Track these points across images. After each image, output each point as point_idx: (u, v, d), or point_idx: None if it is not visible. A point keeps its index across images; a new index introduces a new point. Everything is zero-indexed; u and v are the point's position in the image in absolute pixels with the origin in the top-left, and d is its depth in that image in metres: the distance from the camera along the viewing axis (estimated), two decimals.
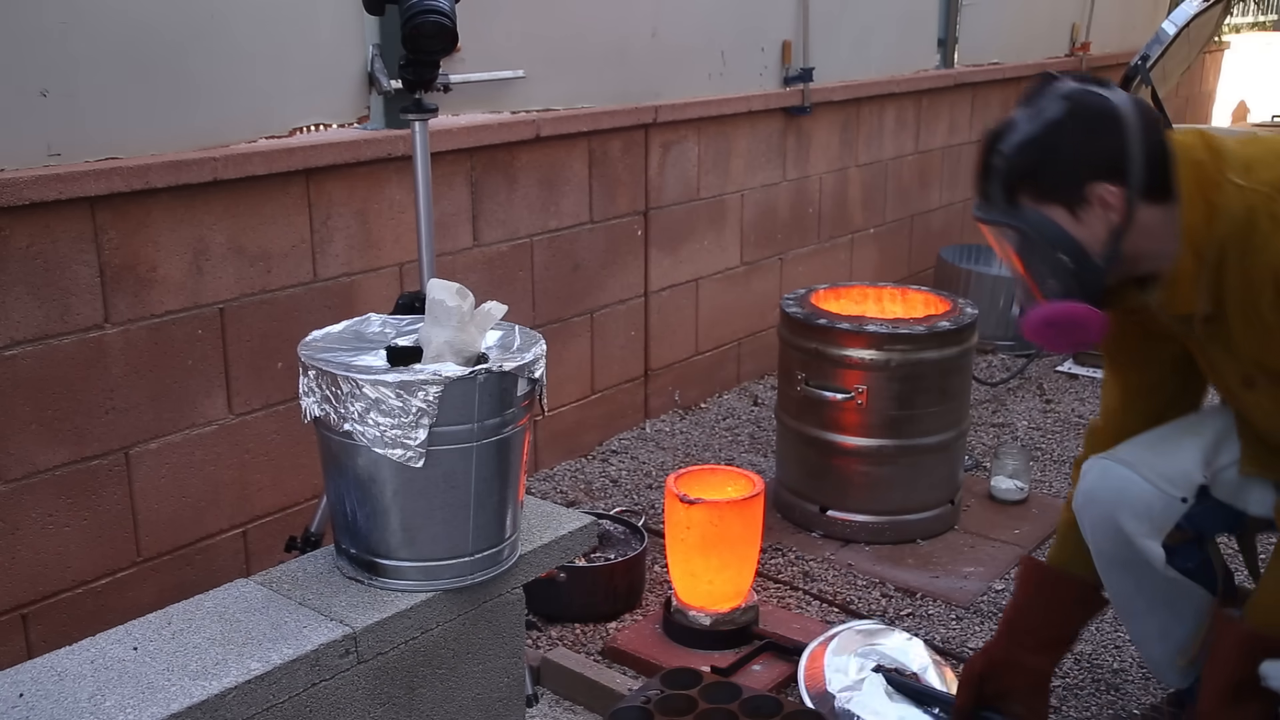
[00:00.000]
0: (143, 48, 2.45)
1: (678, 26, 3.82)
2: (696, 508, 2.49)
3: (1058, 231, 1.76)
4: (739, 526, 2.50)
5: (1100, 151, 1.73)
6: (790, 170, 4.41)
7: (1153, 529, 1.92)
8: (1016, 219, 1.79)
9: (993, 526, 3.20)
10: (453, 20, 2.10)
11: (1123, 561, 1.98)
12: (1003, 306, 4.75)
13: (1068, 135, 1.74)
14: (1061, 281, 1.79)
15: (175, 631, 1.61)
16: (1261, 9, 10.35)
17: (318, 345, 1.76)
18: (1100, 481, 1.97)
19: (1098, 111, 1.74)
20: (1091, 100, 1.75)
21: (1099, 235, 1.75)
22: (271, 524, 2.83)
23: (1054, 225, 1.76)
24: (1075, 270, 1.78)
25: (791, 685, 2.47)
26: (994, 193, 1.80)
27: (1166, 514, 1.91)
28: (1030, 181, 1.77)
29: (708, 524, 2.49)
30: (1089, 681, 2.48)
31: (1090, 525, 2.00)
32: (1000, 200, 1.80)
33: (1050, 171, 1.75)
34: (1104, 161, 1.73)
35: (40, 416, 2.36)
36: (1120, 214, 1.73)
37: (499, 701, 1.89)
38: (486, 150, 3.19)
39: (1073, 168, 1.74)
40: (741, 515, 2.51)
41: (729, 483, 2.64)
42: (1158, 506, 1.91)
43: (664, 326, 3.98)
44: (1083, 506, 2.01)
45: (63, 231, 2.34)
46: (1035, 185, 1.77)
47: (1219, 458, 1.94)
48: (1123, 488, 1.93)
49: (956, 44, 5.35)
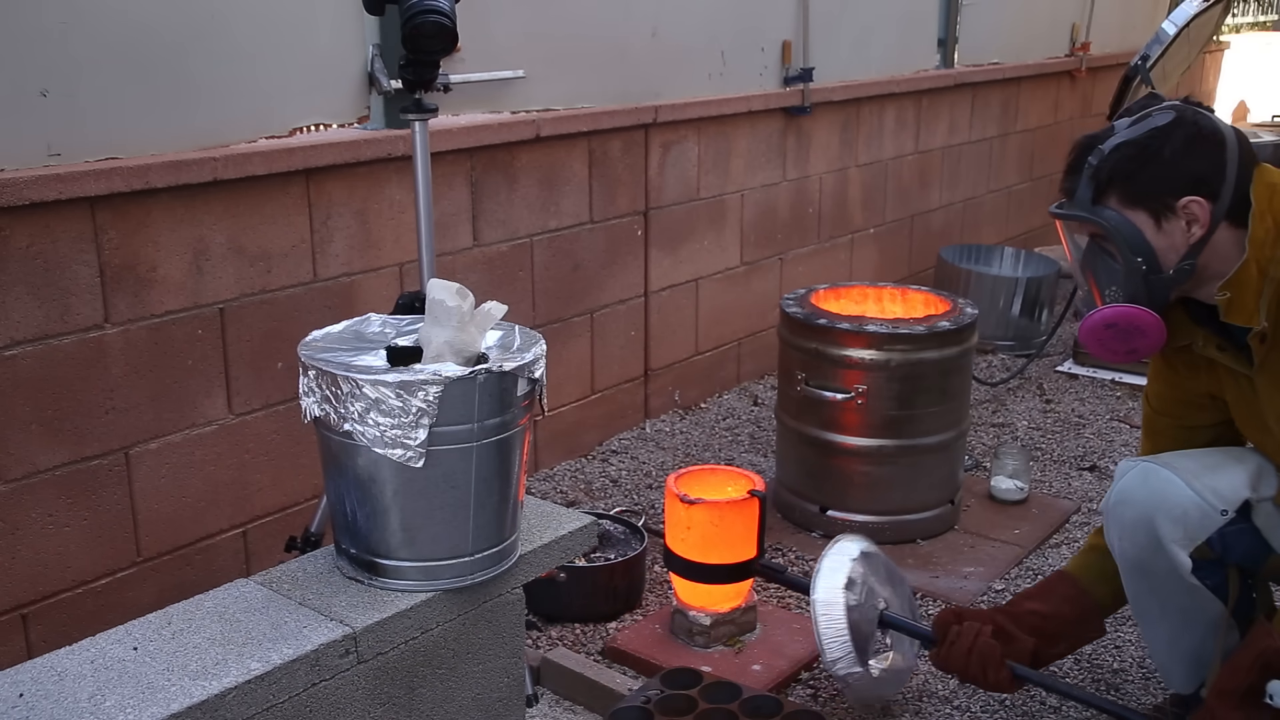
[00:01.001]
0: (143, 48, 2.45)
1: (678, 26, 3.82)
2: (696, 508, 2.49)
3: (1138, 236, 1.81)
4: (739, 526, 2.50)
5: (1199, 166, 1.79)
6: (790, 170, 4.42)
7: (1186, 537, 1.90)
8: (1099, 218, 1.82)
9: (993, 526, 3.20)
10: (453, 20, 2.10)
11: (1146, 566, 1.98)
12: (1002, 306, 4.75)
13: (1171, 144, 1.79)
14: (1129, 287, 1.83)
15: (175, 631, 1.61)
16: (1261, 9, 10.35)
17: (318, 345, 1.76)
18: (1140, 483, 1.95)
19: (1204, 128, 1.80)
20: (1199, 117, 1.82)
21: (1177, 247, 1.81)
22: (271, 524, 2.83)
23: (1135, 230, 1.81)
24: (1145, 276, 1.81)
25: (792, 685, 2.47)
26: (1081, 190, 1.84)
27: (1203, 524, 1.90)
28: (1123, 183, 1.81)
29: (708, 524, 2.49)
30: (1089, 682, 2.48)
31: (1120, 526, 1.99)
32: (1086, 199, 1.84)
33: (1146, 176, 1.80)
34: (1201, 176, 1.78)
35: (40, 416, 2.36)
36: (1204, 229, 1.78)
37: (499, 701, 1.89)
38: (486, 150, 3.19)
39: (1169, 176, 1.79)
40: (742, 515, 2.51)
41: (729, 482, 2.64)
42: (1195, 515, 1.90)
43: (664, 326, 3.98)
44: (1115, 506, 1.99)
45: (63, 231, 2.34)
46: (1127, 187, 1.81)
47: (1263, 487, 1.93)
48: (1164, 490, 1.91)
49: (956, 44, 5.35)
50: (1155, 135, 1.80)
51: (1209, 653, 2.01)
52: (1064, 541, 3.13)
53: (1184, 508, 1.90)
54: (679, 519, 2.52)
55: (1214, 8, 4.35)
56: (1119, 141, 1.82)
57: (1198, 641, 2.02)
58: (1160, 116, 1.81)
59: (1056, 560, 3.00)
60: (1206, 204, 1.77)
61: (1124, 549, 2.00)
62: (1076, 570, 2.19)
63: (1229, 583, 1.98)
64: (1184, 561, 1.91)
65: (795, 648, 2.54)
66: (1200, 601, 1.97)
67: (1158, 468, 1.95)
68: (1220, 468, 1.93)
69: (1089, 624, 2.16)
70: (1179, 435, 2.08)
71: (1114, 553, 2.04)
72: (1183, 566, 1.91)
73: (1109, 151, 1.82)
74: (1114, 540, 2.02)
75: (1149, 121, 1.82)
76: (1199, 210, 1.78)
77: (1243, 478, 1.92)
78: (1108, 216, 1.82)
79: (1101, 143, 1.84)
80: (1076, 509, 3.31)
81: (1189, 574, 1.92)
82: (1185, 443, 2.07)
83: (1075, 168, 1.87)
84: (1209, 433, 2.06)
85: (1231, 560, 1.97)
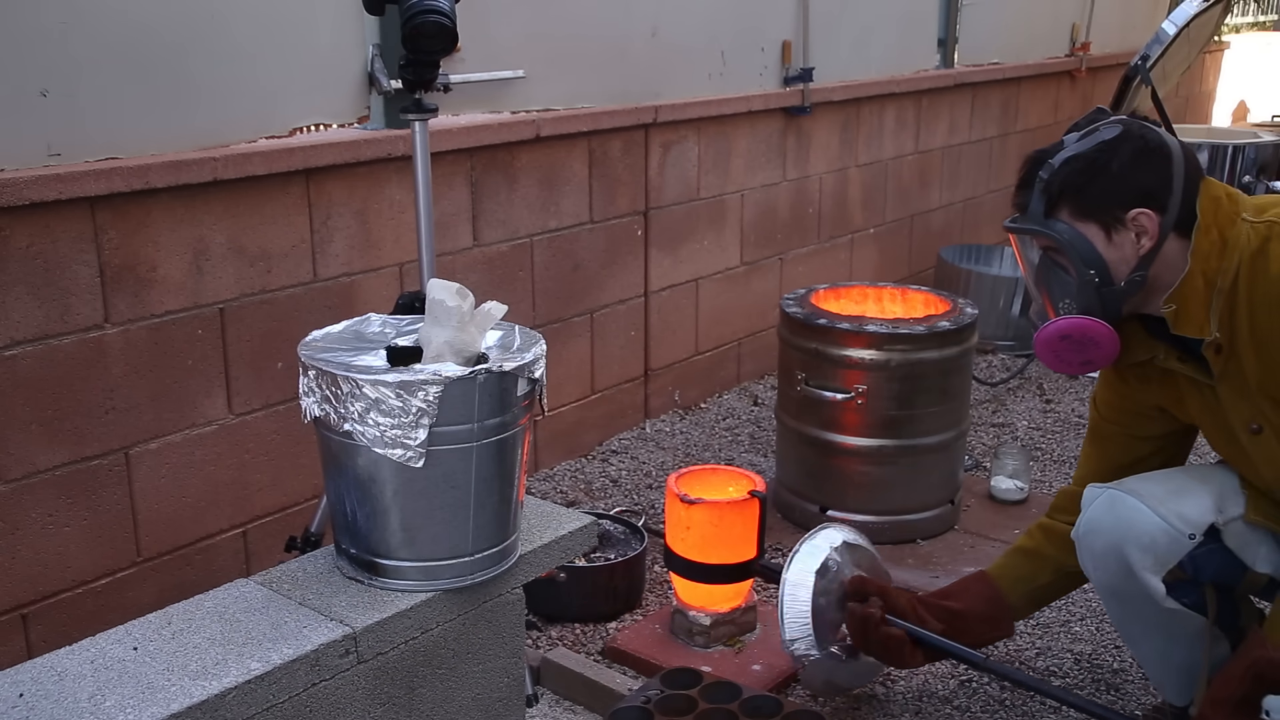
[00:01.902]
0: (143, 48, 2.45)
1: (678, 26, 3.82)
2: (697, 508, 2.49)
3: (1090, 249, 1.84)
4: (739, 527, 2.50)
5: (1147, 179, 1.82)
6: (790, 170, 4.42)
7: (1156, 563, 1.91)
8: (1051, 231, 1.85)
9: (993, 526, 3.19)
10: (453, 20, 2.10)
11: (1121, 592, 1.99)
12: (1003, 306, 4.75)
13: (1119, 157, 1.82)
14: (1083, 299, 1.86)
15: (175, 631, 1.61)
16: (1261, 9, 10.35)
17: (318, 345, 1.76)
18: (1107, 512, 1.96)
19: (1151, 142, 1.83)
20: (1145, 131, 1.85)
21: (1128, 259, 1.83)
22: (271, 524, 2.83)
23: (1087, 242, 1.84)
24: (1098, 288, 1.84)
25: (792, 685, 2.47)
26: (1033, 204, 1.88)
27: (1172, 550, 1.91)
28: (1074, 196, 1.84)
29: (708, 524, 2.49)
30: (1089, 682, 2.48)
31: (1091, 556, 2.00)
32: (1038, 212, 1.87)
33: (1096, 189, 1.83)
34: (1149, 188, 1.81)
35: (40, 416, 2.36)
36: (1153, 240, 1.81)
37: (499, 701, 1.89)
38: (486, 150, 3.19)
39: (1118, 189, 1.82)
40: (742, 515, 2.51)
41: (730, 482, 2.64)
42: (1163, 542, 1.90)
43: (664, 326, 3.98)
44: (1085, 536, 2.00)
45: (63, 231, 2.34)
46: (1078, 200, 1.84)
47: (1228, 508, 1.93)
48: (1131, 519, 1.92)
49: (956, 44, 5.35)
50: (1103, 149, 1.83)
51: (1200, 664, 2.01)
52: None
53: (1152, 535, 1.90)
54: (679, 519, 2.52)
55: (1214, 8, 4.35)
56: (1068, 155, 1.85)
57: (1187, 654, 2.02)
58: (1108, 130, 1.84)
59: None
60: (1155, 216, 1.80)
61: (1098, 578, 2.02)
62: (996, 572, 2.26)
63: (1207, 599, 1.99)
64: (1157, 588, 1.92)
65: None
66: (1181, 620, 1.98)
67: (1123, 495, 1.95)
68: (1185, 492, 1.94)
69: (998, 625, 2.25)
70: (1125, 443, 2.11)
71: (1090, 579, 2.06)
72: (1157, 593, 1.92)
73: (1059, 165, 1.85)
74: (1088, 568, 2.03)
75: (1097, 135, 1.85)
76: (1148, 222, 1.81)
77: (1207, 501, 1.92)
78: (1059, 230, 1.85)
79: (1051, 157, 1.87)
80: None
81: (1164, 599, 1.93)
82: (1131, 452, 2.09)
83: (1027, 182, 1.90)
84: (1154, 443, 2.08)
85: (1205, 579, 1.98)
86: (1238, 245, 1.79)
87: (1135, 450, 2.10)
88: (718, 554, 2.50)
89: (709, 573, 2.52)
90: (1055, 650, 2.59)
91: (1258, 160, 5.09)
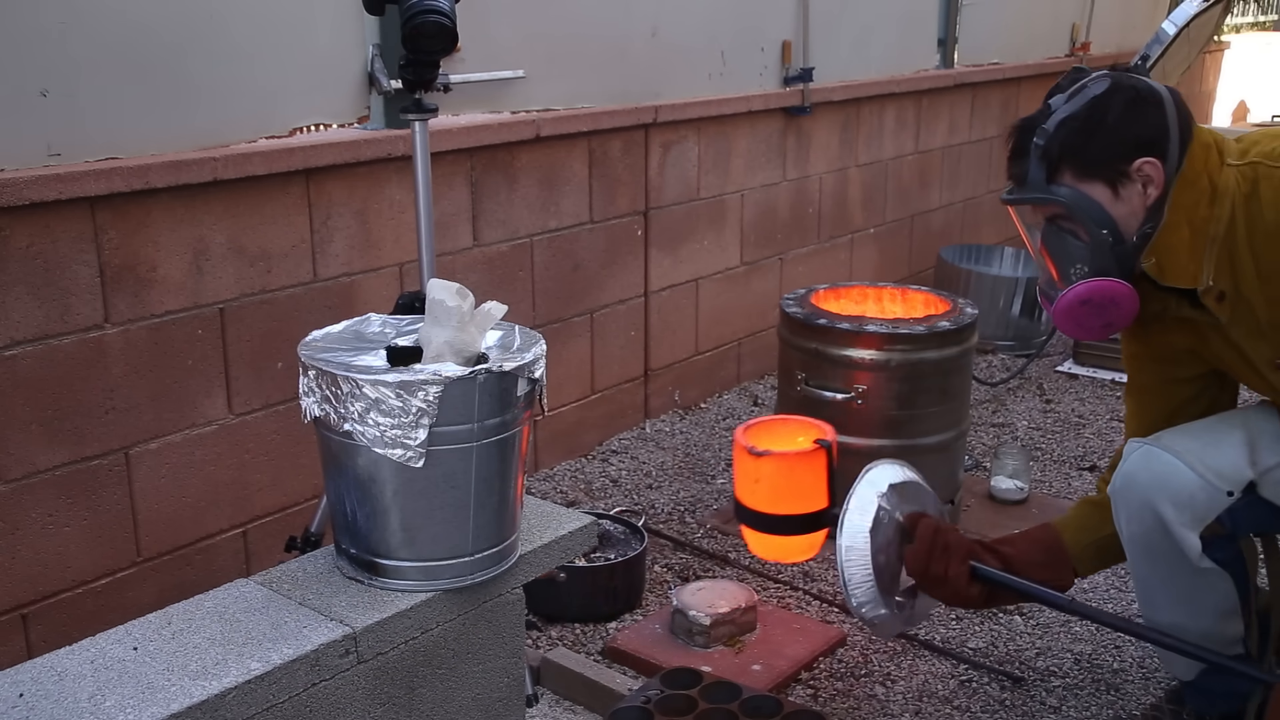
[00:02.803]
0: (142, 48, 2.45)
1: (678, 26, 3.82)
2: (765, 460, 2.44)
3: (1098, 209, 1.80)
4: (809, 476, 2.44)
5: (1144, 128, 1.79)
6: (790, 170, 4.42)
7: (1193, 519, 1.89)
8: (1057, 196, 1.81)
9: (993, 526, 3.19)
10: (453, 20, 2.10)
11: (1154, 549, 1.95)
12: (1003, 306, 4.75)
13: (1114, 109, 1.79)
14: (1097, 261, 1.82)
15: (175, 631, 1.61)
16: (1261, 9, 10.35)
17: (318, 345, 1.76)
18: (1143, 466, 1.93)
19: (1141, 90, 1.80)
20: (1135, 80, 1.81)
21: (1136, 212, 1.80)
22: (271, 524, 2.83)
23: (1094, 202, 1.80)
24: (1112, 247, 1.80)
25: (792, 685, 2.47)
26: (1033, 172, 1.84)
27: (1210, 506, 1.88)
28: (1074, 157, 1.81)
29: (777, 475, 2.44)
30: (1089, 681, 2.48)
31: (1126, 509, 1.97)
32: (1040, 180, 1.83)
33: (1096, 145, 1.79)
34: (1148, 137, 1.78)
35: (40, 416, 2.36)
36: (1159, 189, 1.78)
37: (499, 701, 1.89)
38: (486, 150, 3.19)
39: (1118, 142, 1.79)
40: (811, 465, 2.45)
41: (800, 432, 2.58)
42: (1201, 498, 1.88)
43: (664, 326, 3.98)
44: (1121, 490, 1.97)
45: (63, 231, 2.34)
46: (1079, 160, 1.81)
47: (1264, 459, 1.91)
48: (1167, 474, 1.90)
49: (956, 44, 5.35)
50: (1096, 104, 1.80)
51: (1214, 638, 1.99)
52: None
53: (1189, 491, 1.88)
54: (748, 472, 2.47)
55: (1214, 8, 4.35)
56: (1062, 117, 1.81)
57: (1204, 627, 2.00)
58: (1096, 85, 1.81)
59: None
60: (1158, 163, 1.78)
61: (1131, 532, 1.98)
62: (1061, 521, 2.16)
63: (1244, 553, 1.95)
64: (1193, 544, 1.89)
65: (795, 648, 2.54)
66: (1209, 581, 1.95)
67: (1159, 450, 1.93)
68: (1220, 444, 1.91)
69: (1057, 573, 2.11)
70: (1164, 389, 2.06)
71: (1121, 536, 2.01)
72: (1192, 550, 1.89)
73: (1054, 129, 1.82)
74: (1121, 523, 1.99)
75: (1086, 92, 1.81)
76: (1153, 171, 1.78)
77: (1243, 453, 1.90)
78: (1065, 194, 1.81)
79: (1043, 121, 1.83)
80: None
81: (1200, 557, 1.90)
82: (1172, 397, 2.05)
83: (1021, 151, 1.87)
84: (1194, 385, 2.04)
85: (1242, 534, 1.94)
86: (1228, 191, 1.77)
87: (1176, 395, 2.05)
88: (789, 505, 2.45)
89: (781, 524, 2.46)
90: (1055, 650, 2.59)
91: None
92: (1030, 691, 2.44)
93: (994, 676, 2.49)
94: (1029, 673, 2.51)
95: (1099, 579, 2.89)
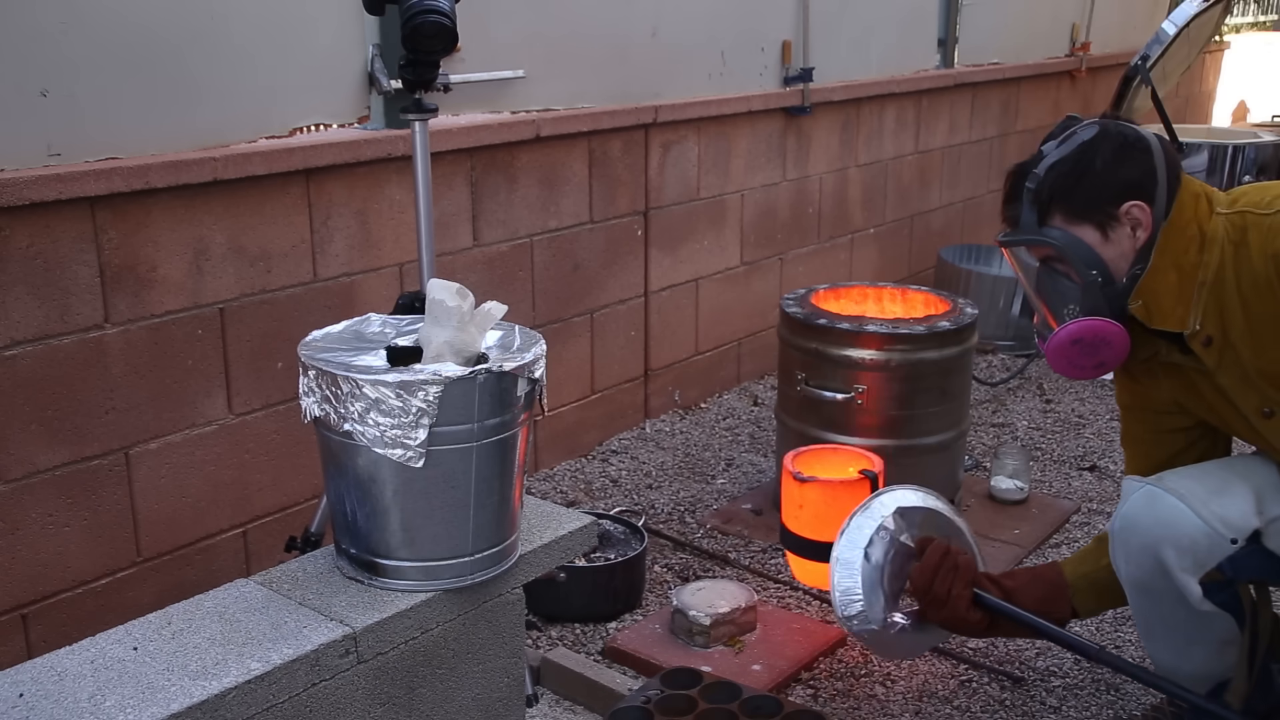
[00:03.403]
0: (142, 48, 2.45)
1: (678, 26, 3.82)
2: (809, 486, 2.47)
3: (1088, 250, 1.85)
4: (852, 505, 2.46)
5: (1132, 172, 1.84)
6: (790, 170, 4.42)
7: (1195, 565, 1.88)
8: (1047, 238, 1.87)
9: (993, 526, 3.19)
10: (453, 20, 2.10)
11: (1154, 591, 1.95)
12: (1003, 306, 4.75)
13: (1102, 154, 1.85)
14: (1088, 302, 1.86)
15: (175, 631, 1.61)
16: (1261, 9, 10.35)
17: (318, 345, 1.76)
18: (1146, 509, 1.92)
19: (1129, 137, 1.86)
20: (1122, 127, 1.88)
21: (1126, 254, 1.85)
22: (271, 524, 2.83)
23: (1084, 244, 1.85)
24: (1102, 288, 1.85)
25: (792, 685, 2.47)
26: (1025, 215, 1.89)
27: (1212, 553, 1.88)
28: (1064, 200, 1.86)
29: (820, 502, 2.47)
30: (1089, 681, 2.48)
31: (1125, 551, 1.97)
32: (1031, 223, 1.89)
33: (1084, 189, 1.85)
34: (1135, 180, 1.83)
35: (40, 416, 2.36)
36: (1148, 232, 1.83)
37: (499, 701, 1.89)
38: (486, 150, 3.19)
39: (1106, 185, 1.84)
40: (853, 495, 2.48)
41: (850, 462, 2.63)
42: (1204, 545, 1.87)
43: (664, 326, 3.98)
44: (1121, 532, 1.97)
45: (63, 231, 2.34)
46: (1068, 204, 1.86)
47: (1269, 508, 1.91)
48: (1172, 520, 1.89)
49: (956, 44, 5.35)
50: (1085, 149, 1.86)
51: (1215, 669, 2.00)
52: (1064, 541, 3.13)
53: (1192, 537, 1.87)
54: (793, 497, 2.52)
55: (1214, 8, 4.35)
56: (1052, 161, 1.87)
57: (1206, 658, 2.00)
58: (1085, 132, 1.88)
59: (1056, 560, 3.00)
60: (1146, 206, 1.83)
61: (1130, 573, 1.98)
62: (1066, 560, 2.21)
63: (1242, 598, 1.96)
64: (1194, 590, 1.88)
65: (795, 648, 2.54)
66: (1209, 623, 1.95)
67: (1162, 493, 1.91)
68: (1226, 491, 1.91)
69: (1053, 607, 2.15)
70: (1156, 439, 2.09)
71: (1119, 575, 2.01)
72: (1193, 595, 1.89)
73: (1044, 173, 1.87)
74: (1119, 564, 1.99)
75: (1076, 138, 1.87)
76: (1140, 214, 1.83)
77: (1249, 501, 1.89)
78: (1055, 236, 1.87)
79: (1035, 167, 1.89)
80: (1076, 509, 3.31)
81: (1200, 601, 1.89)
82: (1164, 447, 2.08)
83: (1014, 195, 1.92)
84: (1185, 435, 2.06)
85: (1243, 580, 1.94)
86: (1216, 238, 1.81)
87: (1169, 445, 2.07)
88: (832, 532, 2.46)
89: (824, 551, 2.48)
90: (1055, 650, 2.59)
91: (1258, 160, 5.09)
92: (1030, 691, 2.44)
93: (994, 676, 2.49)
94: (1029, 673, 2.51)
95: None
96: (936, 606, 2.13)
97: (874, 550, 2.18)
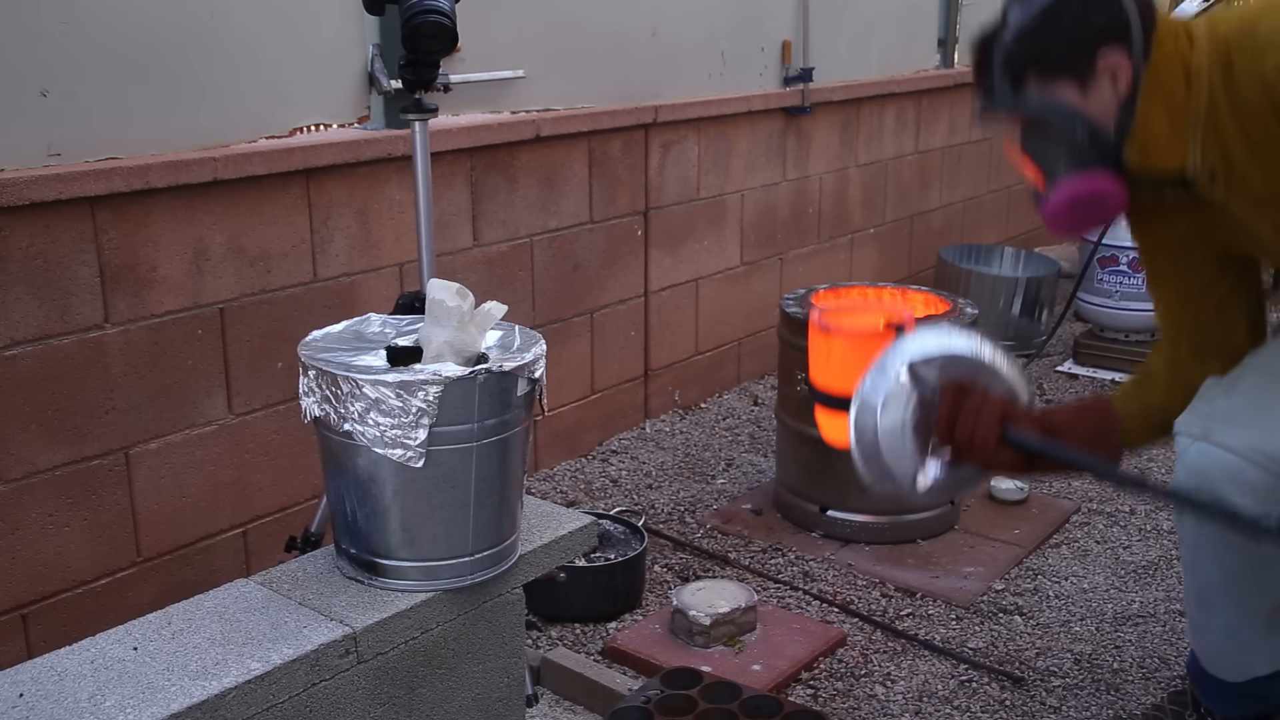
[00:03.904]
0: (143, 48, 2.45)
1: (678, 26, 3.82)
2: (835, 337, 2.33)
3: (1068, 110, 1.76)
4: None
5: (1102, 19, 1.75)
6: (790, 170, 4.42)
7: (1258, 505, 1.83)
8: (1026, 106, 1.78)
9: (993, 526, 3.20)
10: (453, 20, 2.10)
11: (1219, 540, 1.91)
12: (1003, 306, 4.75)
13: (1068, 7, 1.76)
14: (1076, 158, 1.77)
15: (175, 631, 1.61)
16: None
17: (318, 345, 1.76)
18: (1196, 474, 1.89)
19: None
20: None
21: (1109, 105, 1.76)
22: (271, 524, 2.83)
23: (1063, 103, 1.76)
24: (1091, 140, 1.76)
25: (792, 685, 2.47)
26: (999, 85, 1.80)
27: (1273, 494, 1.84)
28: (1037, 61, 1.77)
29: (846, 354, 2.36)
30: (1089, 681, 2.48)
31: None
32: (1006, 91, 1.80)
33: (1056, 45, 1.76)
34: (1107, 26, 1.74)
35: (40, 416, 2.36)
36: (1128, 79, 1.74)
37: (499, 701, 1.89)
38: (486, 150, 3.19)
39: (1078, 38, 1.75)
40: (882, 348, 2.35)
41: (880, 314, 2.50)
42: (1262, 488, 1.83)
43: (664, 326, 3.98)
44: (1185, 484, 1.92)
45: (63, 231, 2.34)
46: (1042, 63, 1.77)
47: None
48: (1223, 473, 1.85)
49: (956, 44, 5.35)
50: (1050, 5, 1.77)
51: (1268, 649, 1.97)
52: (1064, 541, 3.13)
53: (1250, 483, 1.84)
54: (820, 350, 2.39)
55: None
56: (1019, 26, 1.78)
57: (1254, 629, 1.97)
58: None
59: (1056, 560, 3.00)
60: (1124, 51, 1.74)
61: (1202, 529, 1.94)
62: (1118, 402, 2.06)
63: None
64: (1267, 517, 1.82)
65: (795, 648, 2.54)
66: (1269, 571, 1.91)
67: (1211, 448, 1.87)
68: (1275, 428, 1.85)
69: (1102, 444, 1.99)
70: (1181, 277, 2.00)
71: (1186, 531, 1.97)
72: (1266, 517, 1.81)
73: (1011, 38, 1.79)
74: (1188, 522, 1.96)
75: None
76: (1118, 60, 1.74)
77: None
78: (1034, 101, 1.78)
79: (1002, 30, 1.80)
80: (1076, 509, 3.31)
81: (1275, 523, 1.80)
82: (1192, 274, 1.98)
83: (984, 65, 1.83)
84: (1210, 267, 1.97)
85: None
86: (1202, 72, 1.73)
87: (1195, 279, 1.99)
88: None
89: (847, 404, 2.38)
90: (1055, 650, 2.59)
91: None
92: (1030, 691, 2.44)
93: (994, 676, 2.49)
94: (1029, 673, 2.51)
95: (1099, 579, 2.89)
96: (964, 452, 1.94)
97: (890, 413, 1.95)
